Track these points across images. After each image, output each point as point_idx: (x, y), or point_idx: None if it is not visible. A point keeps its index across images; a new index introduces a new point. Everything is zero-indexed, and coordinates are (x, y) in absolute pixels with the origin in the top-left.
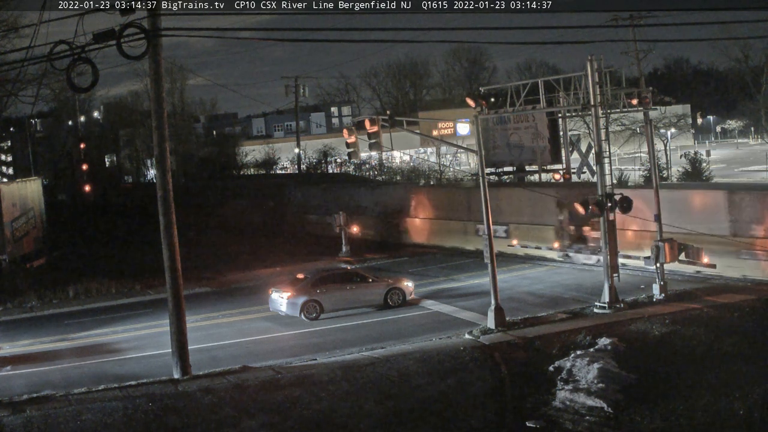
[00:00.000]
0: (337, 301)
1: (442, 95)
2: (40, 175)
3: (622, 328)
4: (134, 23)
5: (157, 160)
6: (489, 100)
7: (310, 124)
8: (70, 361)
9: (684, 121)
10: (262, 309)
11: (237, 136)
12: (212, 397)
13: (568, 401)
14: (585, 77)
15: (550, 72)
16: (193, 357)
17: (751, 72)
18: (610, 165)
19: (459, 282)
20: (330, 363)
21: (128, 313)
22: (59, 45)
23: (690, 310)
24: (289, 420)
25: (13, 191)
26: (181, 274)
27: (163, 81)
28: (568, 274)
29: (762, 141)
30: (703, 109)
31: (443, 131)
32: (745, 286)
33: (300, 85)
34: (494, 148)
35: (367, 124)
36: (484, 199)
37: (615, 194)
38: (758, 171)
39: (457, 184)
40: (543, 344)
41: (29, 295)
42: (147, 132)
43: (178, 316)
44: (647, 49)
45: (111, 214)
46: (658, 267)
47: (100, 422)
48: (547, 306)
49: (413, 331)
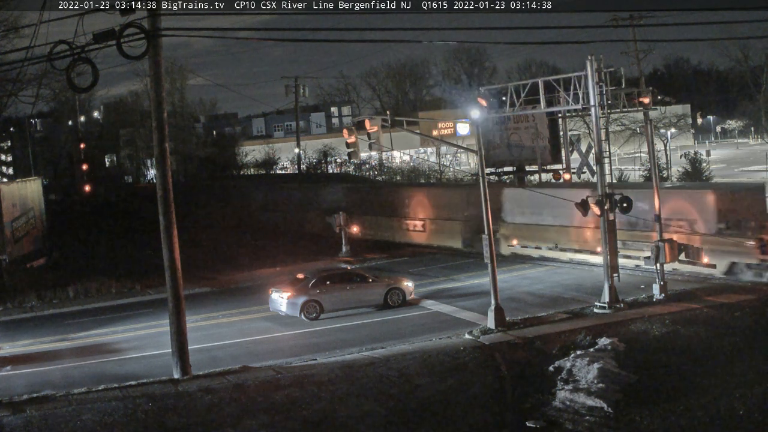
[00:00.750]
0: (337, 301)
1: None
2: (40, 175)
3: (622, 328)
4: (134, 23)
5: (157, 160)
6: (489, 100)
7: (310, 124)
8: (70, 361)
9: (684, 121)
10: (262, 309)
11: (237, 136)
12: (212, 397)
13: (568, 401)
14: (585, 77)
15: (550, 72)
16: (193, 357)
17: (751, 72)
18: (610, 165)
19: (459, 282)
20: (330, 363)
21: (128, 313)
22: (59, 45)
23: (690, 309)
24: (289, 420)
25: (13, 191)
26: (181, 274)
27: (163, 81)
28: (568, 274)
29: (762, 141)
30: (703, 109)
31: (443, 131)
32: (745, 286)
33: (300, 85)
34: (494, 148)
35: (367, 124)
36: (484, 199)
37: (616, 194)
38: (758, 171)
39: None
40: (543, 344)
41: (29, 295)
42: (147, 132)
43: (178, 316)
44: (647, 49)
45: (106, 213)
46: (658, 267)
47: (100, 422)
48: (547, 306)
49: (413, 331)
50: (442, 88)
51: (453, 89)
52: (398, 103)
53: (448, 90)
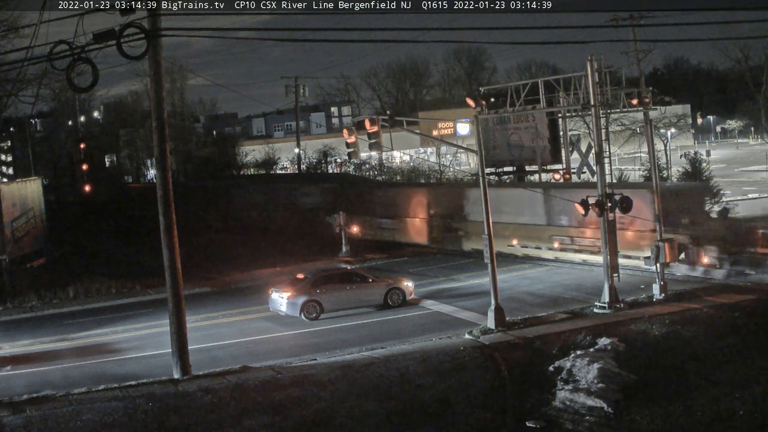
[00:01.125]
0: (337, 301)
1: (442, 95)
2: (40, 175)
3: (622, 328)
4: (134, 23)
5: (157, 160)
6: (489, 100)
7: (310, 124)
8: (70, 361)
9: (684, 121)
10: (262, 309)
11: (237, 136)
12: (212, 397)
13: (568, 401)
14: (585, 77)
15: (550, 72)
16: (193, 357)
17: (751, 72)
18: (610, 165)
19: (459, 282)
20: (330, 363)
21: (128, 313)
22: (59, 45)
23: (690, 310)
24: (289, 420)
25: (13, 191)
26: (181, 274)
27: (163, 81)
28: (568, 274)
29: (762, 141)
30: (703, 109)
31: (443, 131)
32: (746, 286)
33: (300, 85)
34: (494, 148)
35: (367, 124)
36: (484, 199)
37: (616, 194)
38: (758, 171)
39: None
40: (543, 344)
41: (29, 295)
42: (147, 132)
43: (178, 316)
44: (647, 49)
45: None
46: (657, 267)
47: (100, 422)
48: (547, 306)
49: (413, 331)
50: (442, 88)
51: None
52: (398, 103)
53: (448, 90)
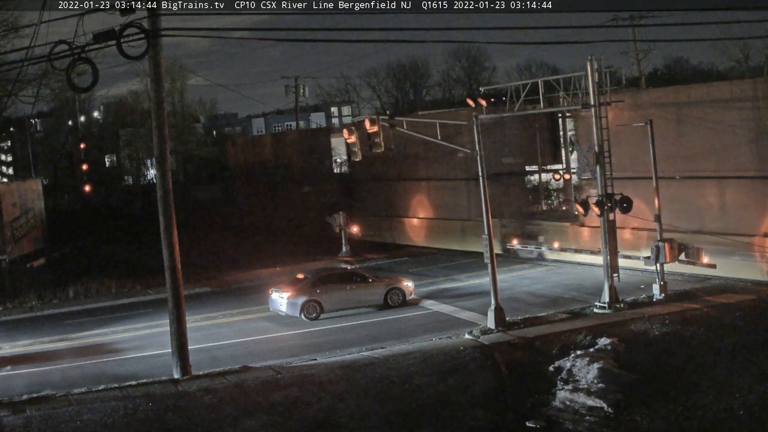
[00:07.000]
0: (337, 301)
1: (442, 95)
2: (40, 175)
3: (622, 328)
4: (134, 23)
5: (157, 160)
6: (489, 100)
7: (310, 124)
8: (70, 361)
9: None
10: (262, 309)
11: (237, 136)
12: (212, 397)
13: (568, 401)
14: (585, 77)
15: (550, 72)
16: (193, 357)
17: (751, 72)
18: (611, 165)
19: (459, 282)
20: (330, 363)
21: (128, 313)
22: (59, 45)
23: (690, 310)
24: (289, 420)
25: (13, 191)
26: (181, 274)
27: (163, 81)
28: (567, 274)
29: None
30: None
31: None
32: (745, 286)
33: (300, 85)
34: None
35: (367, 124)
36: (484, 199)
37: (616, 194)
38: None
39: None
40: (543, 344)
41: (29, 295)
42: (147, 132)
43: (178, 316)
44: (647, 49)
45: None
46: (657, 267)
47: (100, 422)
48: (547, 306)
49: (413, 331)
50: (442, 88)
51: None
52: (398, 103)
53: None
